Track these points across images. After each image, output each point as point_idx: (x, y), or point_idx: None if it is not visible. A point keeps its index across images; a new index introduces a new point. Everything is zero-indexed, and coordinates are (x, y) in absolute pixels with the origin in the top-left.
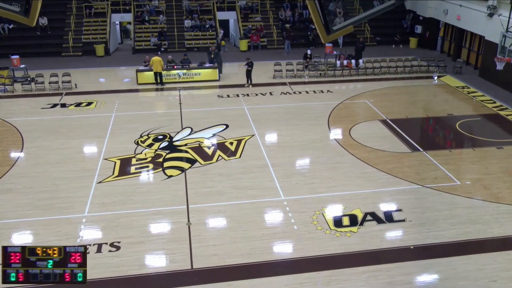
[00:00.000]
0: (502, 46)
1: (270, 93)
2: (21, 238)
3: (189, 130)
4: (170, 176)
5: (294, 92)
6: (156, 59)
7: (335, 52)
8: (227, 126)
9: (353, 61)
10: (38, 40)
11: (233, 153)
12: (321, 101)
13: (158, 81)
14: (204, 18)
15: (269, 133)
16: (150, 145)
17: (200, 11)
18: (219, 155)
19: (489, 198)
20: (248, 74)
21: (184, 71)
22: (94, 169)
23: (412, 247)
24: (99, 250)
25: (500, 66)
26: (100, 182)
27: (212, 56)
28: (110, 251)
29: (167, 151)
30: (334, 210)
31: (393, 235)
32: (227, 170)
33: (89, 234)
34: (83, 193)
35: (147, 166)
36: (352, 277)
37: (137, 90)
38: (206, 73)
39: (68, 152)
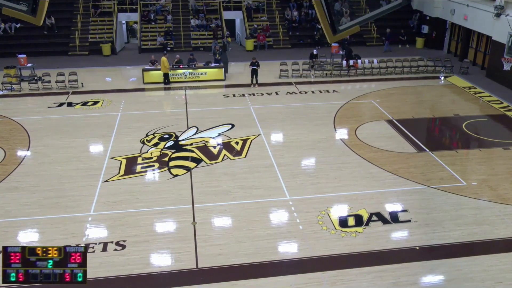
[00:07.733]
0: (509, 46)
1: (276, 93)
2: (27, 236)
3: (195, 129)
4: (175, 176)
5: (300, 92)
6: (163, 59)
7: (341, 52)
8: (232, 125)
9: (359, 61)
10: (45, 39)
11: (239, 153)
12: (327, 101)
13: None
14: (210, 18)
15: (274, 133)
16: (156, 144)
17: (206, 10)
18: (225, 155)
19: (495, 199)
20: (254, 73)
21: (190, 70)
22: (100, 168)
23: (417, 247)
24: (104, 248)
25: (507, 67)
26: (106, 181)
27: (218, 56)
28: (115, 250)
29: (173, 151)
30: (339, 210)
31: (399, 236)
32: (232, 169)
33: (95, 233)
34: (89, 192)
35: (153, 165)
36: (357, 278)
37: (143, 90)
38: (212, 72)
39: (74, 151)
